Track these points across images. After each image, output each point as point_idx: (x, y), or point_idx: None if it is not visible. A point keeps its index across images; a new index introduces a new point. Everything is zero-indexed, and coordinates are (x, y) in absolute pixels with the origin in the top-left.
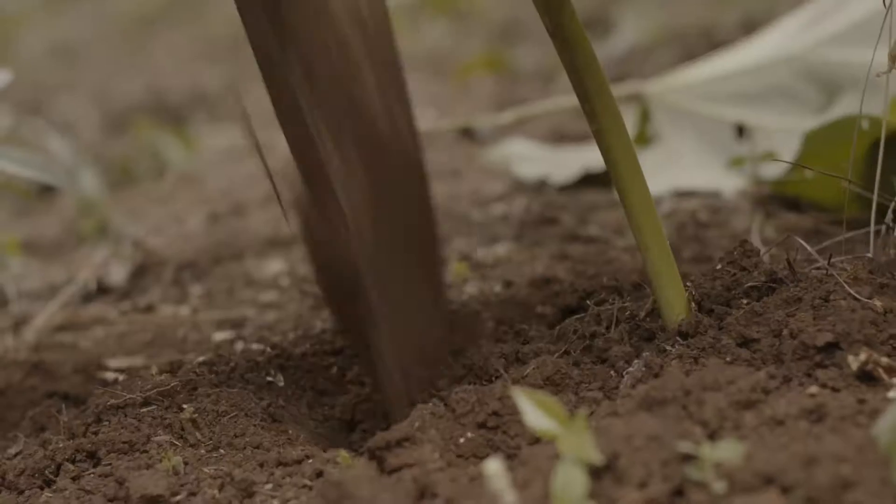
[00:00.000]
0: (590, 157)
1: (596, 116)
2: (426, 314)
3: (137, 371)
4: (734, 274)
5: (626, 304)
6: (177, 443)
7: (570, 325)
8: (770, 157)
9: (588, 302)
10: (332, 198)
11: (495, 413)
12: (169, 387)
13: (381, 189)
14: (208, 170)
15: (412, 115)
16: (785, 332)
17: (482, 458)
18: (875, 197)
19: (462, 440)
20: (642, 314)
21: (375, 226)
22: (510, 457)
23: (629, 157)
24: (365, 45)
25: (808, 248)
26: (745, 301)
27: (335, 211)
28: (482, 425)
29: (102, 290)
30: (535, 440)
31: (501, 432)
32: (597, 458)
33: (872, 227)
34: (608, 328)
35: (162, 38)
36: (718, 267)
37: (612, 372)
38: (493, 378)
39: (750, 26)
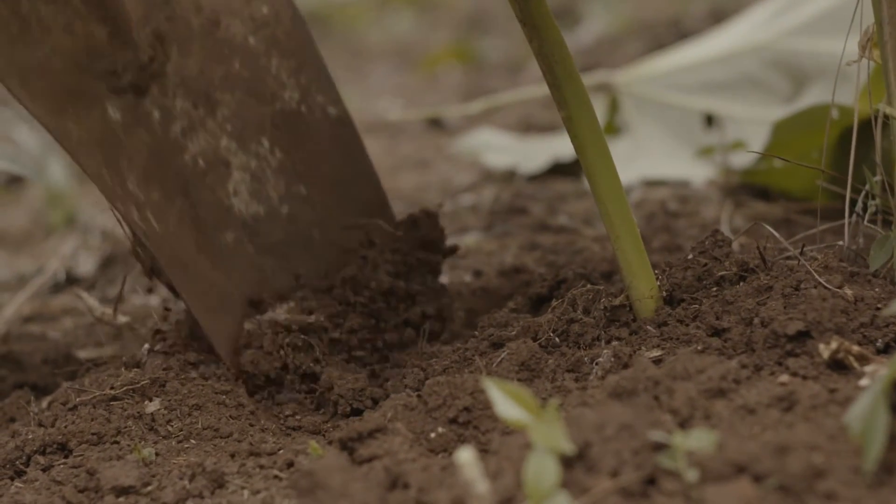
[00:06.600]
0: (558, 147)
1: (565, 104)
2: None
3: (107, 362)
4: (705, 263)
5: (599, 290)
6: (148, 434)
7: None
8: (739, 146)
9: (559, 291)
10: None
11: (466, 409)
12: (139, 379)
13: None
14: None
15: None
16: (756, 320)
17: (453, 453)
18: (849, 187)
19: (433, 435)
20: (616, 302)
21: None
22: (482, 452)
23: (598, 145)
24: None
25: (779, 237)
26: (715, 290)
27: None
28: (454, 420)
29: (71, 281)
30: (508, 431)
31: (473, 427)
32: (568, 447)
33: (847, 217)
34: (585, 313)
35: None
36: (690, 256)
37: (586, 359)
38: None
39: (718, 16)
